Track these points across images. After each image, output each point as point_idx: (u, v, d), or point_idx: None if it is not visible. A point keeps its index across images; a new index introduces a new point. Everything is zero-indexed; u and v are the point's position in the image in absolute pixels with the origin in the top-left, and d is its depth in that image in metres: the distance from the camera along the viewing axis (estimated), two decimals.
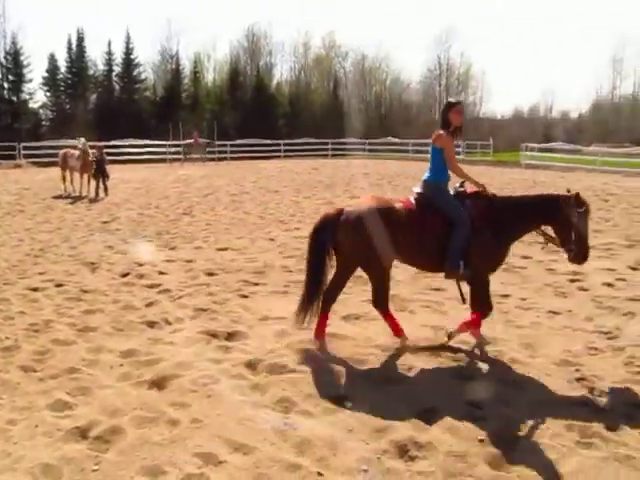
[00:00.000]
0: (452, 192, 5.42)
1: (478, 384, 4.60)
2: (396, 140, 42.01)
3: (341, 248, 5.28)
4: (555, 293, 7.15)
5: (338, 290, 5.47)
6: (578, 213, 5.01)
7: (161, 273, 7.90)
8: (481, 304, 5.36)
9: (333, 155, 40.40)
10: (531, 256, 9.01)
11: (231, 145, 37.07)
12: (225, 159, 35.42)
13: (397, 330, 5.40)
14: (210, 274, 7.85)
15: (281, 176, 23.78)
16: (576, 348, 5.30)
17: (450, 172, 5.45)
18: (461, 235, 5.15)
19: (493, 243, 5.20)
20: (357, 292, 6.99)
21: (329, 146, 40.93)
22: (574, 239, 5.07)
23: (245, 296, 6.86)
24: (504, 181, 22.52)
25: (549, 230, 5.34)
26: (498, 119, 66.62)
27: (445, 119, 5.42)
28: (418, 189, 5.46)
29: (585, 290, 7.27)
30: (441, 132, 5.37)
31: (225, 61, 56.65)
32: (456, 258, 5.19)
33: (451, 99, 5.72)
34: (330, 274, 5.39)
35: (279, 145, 39.26)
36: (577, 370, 4.86)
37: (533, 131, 54.59)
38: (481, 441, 3.76)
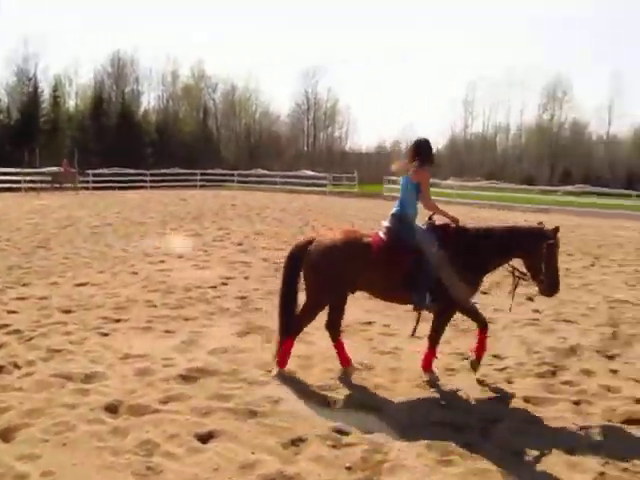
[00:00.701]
0: (423, 225, 5.50)
1: (344, 411, 4.67)
2: (265, 172, 42.42)
3: (305, 276, 5.41)
4: (415, 319, 7.46)
5: (309, 318, 5.48)
6: (548, 245, 5.10)
7: (11, 312, 7.28)
8: (438, 338, 5.54)
9: (202, 186, 39.86)
10: None
11: (94, 174, 35.37)
12: (87, 189, 33.71)
13: (344, 359, 5.48)
14: (67, 311, 7.35)
15: (147, 207, 23.04)
16: (435, 370, 5.55)
17: (423, 207, 5.53)
18: (428, 268, 5.22)
19: (464, 274, 5.22)
20: (223, 325, 6.89)
21: (198, 176, 40.36)
22: (545, 271, 5.13)
23: (105, 334, 6.48)
24: (368, 212, 23.42)
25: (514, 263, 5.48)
26: (363, 152, 69.51)
27: (428, 156, 5.49)
28: (387, 223, 5.52)
29: None
30: (423, 169, 5.40)
31: (89, 86, 54.46)
32: (423, 291, 5.25)
33: (427, 138, 5.67)
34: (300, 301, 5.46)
35: (145, 175, 38.02)
36: (437, 392, 5.10)
37: None
38: (348, 468, 3.81)
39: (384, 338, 6.51)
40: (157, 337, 6.40)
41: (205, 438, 4.16)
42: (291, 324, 5.42)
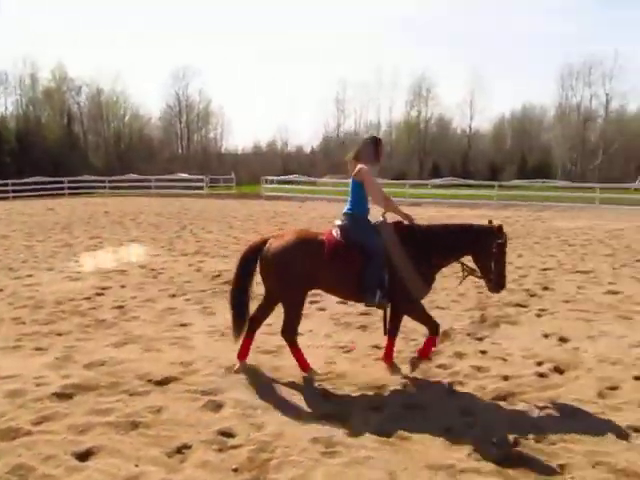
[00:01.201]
0: (375, 222, 5.53)
1: (228, 412, 4.66)
2: (138, 176, 40.98)
3: (263, 276, 5.48)
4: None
5: (263, 315, 5.68)
6: (498, 244, 5.21)
7: None
8: (396, 332, 5.67)
9: (70, 194, 37.81)
10: None
11: None
12: None
13: (303, 363, 5.49)
14: None
15: (10, 219, 21.51)
16: (319, 364, 5.66)
17: (372, 204, 5.53)
18: (377, 265, 5.28)
19: (415, 272, 5.29)
20: (100, 337, 6.63)
21: (65, 184, 38.22)
22: (494, 269, 5.24)
23: None
24: (247, 213, 23.40)
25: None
26: (240, 154, 69.14)
27: (372, 153, 5.56)
28: (339, 221, 5.56)
29: (323, 310, 7.88)
30: (362, 166, 5.45)
31: None
32: (373, 288, 5.30)
33: (374, 135, 5.84)
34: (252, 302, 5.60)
35: (6, 185, 35.48)
36: (320, 386, 5.22)
37: (272, 164, 57.75)
38: (235, 470, 3.80)
39: (267, 337, 6.56)
40: (27, 355, 6.03)
41: (84, 456, 3.98)
42: (245, 320, 5.56)
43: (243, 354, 5.62)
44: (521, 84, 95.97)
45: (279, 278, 5.41)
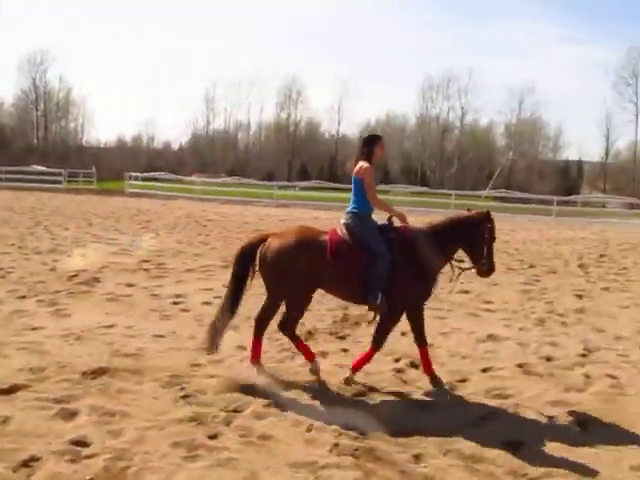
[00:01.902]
0: (379, 223, 5.48)
1: (83, 420, 4.38)
2: None
3: (262, 274, 5.39)
4: (160, 317, 7.40)
5: (269, 315, 5.52)
6: (488, 229, 5.38)
7: None
8: (382, 340, 5.44)
9: None
10: (136, 283, 9.14)
11: None
12: None
13: (308, 354, 5.51)
14: None
15: None
16: (182, 367, 5.54)
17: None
18: (382, 267, 5.15)
19: (418, 276, 5.26)
20: None
21: None
22: (486, 254, 5.39)
23: None
24: (108, 210, 22.37)
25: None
26: (102, 147, 65.88)
27: (370, 151, 5.47)
28: (343, 220, 5.46)
29: (187, 311, 7.71)
30: (364, 164, 5.41)
31: None
32: (376, 291, 5.17)
33: (374, 133, 5.70)
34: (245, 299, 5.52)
35: None
36: (182, 388, 5.09)
37: (137, 160, 55.66)
38: None
39: (127, 340, 6.31)
40: None
41: None
42: (234, 315, 5.54)
43: (256, 355, 5.53)
44: (388, 92, 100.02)
45: (279, 277, 5.34)
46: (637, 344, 6.98)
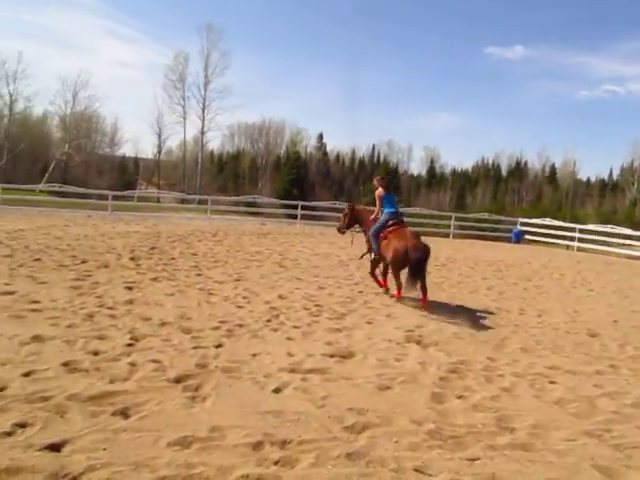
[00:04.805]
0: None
1: None
2: None
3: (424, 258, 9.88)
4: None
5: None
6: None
7: None
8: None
9: None
10: None
11: None
12: None
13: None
14: None
15: None
16: None
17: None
18: None
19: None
20: None
21: None
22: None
23: None
24: None
25: None
26: None
27: (383, 184, 10.96)
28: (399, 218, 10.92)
29: None
30: (379, 190, 10.90)
31: None
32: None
33: (382, 175, 12.78)
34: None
35: None
36: None
37: None
38: None
39: None
40: None
41: None
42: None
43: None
44: None
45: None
46: (179, 328, 7.59)
